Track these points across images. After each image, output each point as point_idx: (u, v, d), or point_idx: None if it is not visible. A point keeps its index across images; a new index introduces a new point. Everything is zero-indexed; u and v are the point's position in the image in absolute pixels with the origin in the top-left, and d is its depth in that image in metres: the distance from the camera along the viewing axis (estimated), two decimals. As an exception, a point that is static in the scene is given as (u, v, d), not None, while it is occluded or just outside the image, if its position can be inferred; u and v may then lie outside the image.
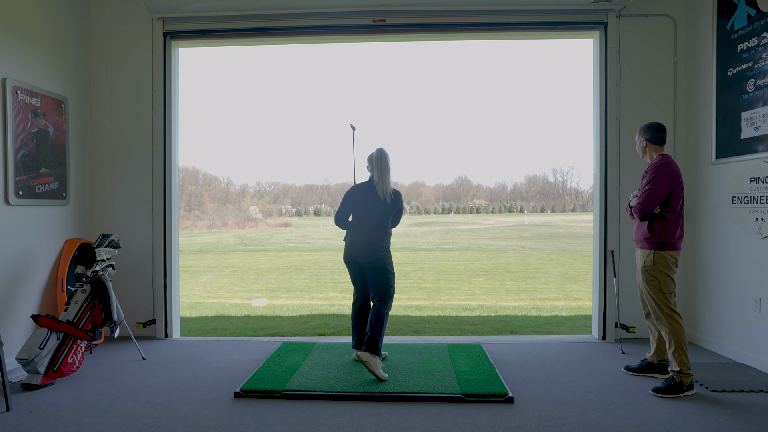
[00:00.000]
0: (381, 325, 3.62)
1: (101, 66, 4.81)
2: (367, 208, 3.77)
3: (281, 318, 6.89)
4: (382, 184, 3.74)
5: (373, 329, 3.58)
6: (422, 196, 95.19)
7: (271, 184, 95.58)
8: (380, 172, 3.75)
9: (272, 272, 14.62)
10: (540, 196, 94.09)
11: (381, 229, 3.77)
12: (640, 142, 3.56)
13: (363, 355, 3.48)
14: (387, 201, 3.75)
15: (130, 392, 3.34)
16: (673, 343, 3.27)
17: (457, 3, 4.56)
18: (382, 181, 3.74)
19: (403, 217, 4.42)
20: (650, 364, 3.63)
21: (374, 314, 3.65)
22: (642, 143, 3.54)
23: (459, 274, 13.61)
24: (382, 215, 3.76)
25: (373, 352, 3.49)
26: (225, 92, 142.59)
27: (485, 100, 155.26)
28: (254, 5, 4.52)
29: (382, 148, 3.81)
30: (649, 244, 3.36)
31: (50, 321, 3.51)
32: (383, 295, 3.72)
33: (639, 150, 3.59)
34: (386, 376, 3.48)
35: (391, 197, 3.78)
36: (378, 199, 3.75)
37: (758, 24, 3.76)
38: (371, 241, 3.75)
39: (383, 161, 3.77)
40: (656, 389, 3.24)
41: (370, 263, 3.74)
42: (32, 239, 4.04)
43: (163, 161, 4.81)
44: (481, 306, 8.34)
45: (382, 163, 3.77)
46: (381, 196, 3.74)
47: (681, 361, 3.23)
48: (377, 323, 3.60)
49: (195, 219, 60.72)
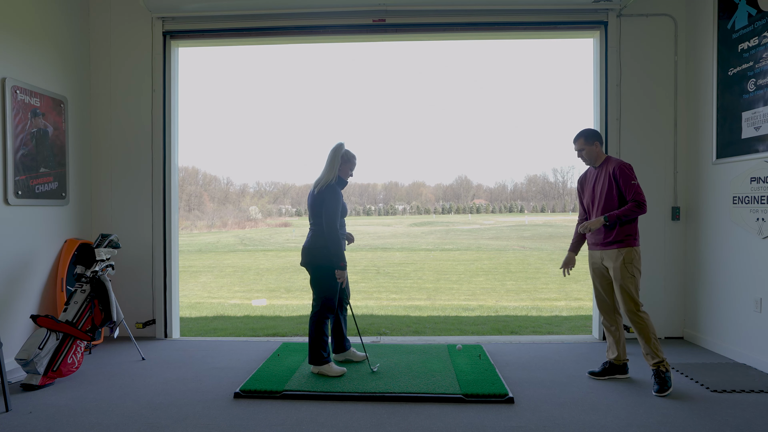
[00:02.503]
0: (310, 336, 3.62)
1: (101, 66, 4.81)
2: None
3: (281, 318, 6.89)
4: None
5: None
6: (422, 196, 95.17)
7: (271, 184, 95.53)
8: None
9: (272, 272, 14.62)
10: (540, 196, 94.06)
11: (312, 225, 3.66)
12: (593, 146, 3.51)
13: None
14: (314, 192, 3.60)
15: (129, 392, 3.33)
16: (649, 336, 3.31)
17: (457, 3, 4.56)
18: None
19: (403, 217, 4.35)
20: (613, 365, 3.57)
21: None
22: (596, 147, 3.52)
23: (459, 274, 13.61)
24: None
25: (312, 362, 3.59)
26: (225, 92, 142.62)
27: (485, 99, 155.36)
28: (254, 5, 4.52)
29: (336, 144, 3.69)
30: (631, 240, 3.39)
31: (50, 321, 3.51)
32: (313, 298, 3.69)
33: (592, 156, 3.52)
34: (343, 370, 3.58)
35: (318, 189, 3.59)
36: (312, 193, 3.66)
37: (759, 24, 3.75)
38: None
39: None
40: (658, 392, 3.23)
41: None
42: (31, 239, 4.04)
43: (163, 161, 4.80)
44: (482, 306, 8.33)
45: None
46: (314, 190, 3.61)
47: (658, 349, 3.31)
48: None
49: (195, 219, 60.70)
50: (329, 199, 3.49)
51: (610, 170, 3.42)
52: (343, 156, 3.63)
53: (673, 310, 4.67)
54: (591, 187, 3.57)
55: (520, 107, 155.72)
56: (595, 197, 3.53)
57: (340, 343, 3.90)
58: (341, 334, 3.89)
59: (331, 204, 3.48)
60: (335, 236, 3.49)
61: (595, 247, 3.56)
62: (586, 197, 3.64)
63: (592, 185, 3.56)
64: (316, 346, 3.56)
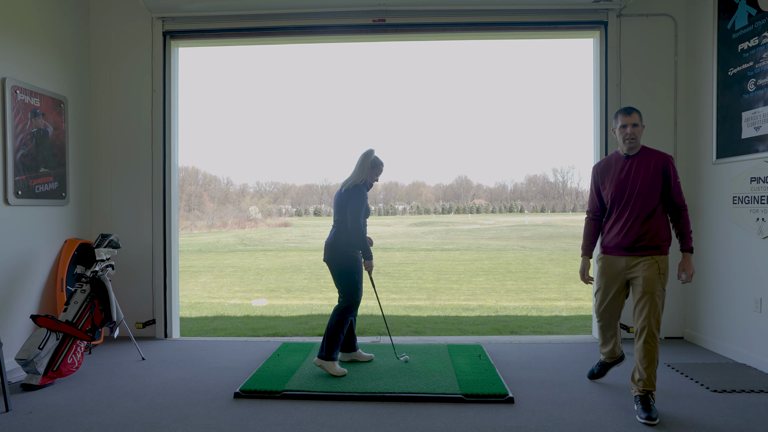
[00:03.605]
0: (328, 328, 3.67)
1: (101, 66, 4.81)
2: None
3: (281, 318, 6.88)
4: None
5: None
6: (422, 196, 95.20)
7: (271, 184, 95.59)
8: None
9: (272, 272, 14.62)
10: (540, 196, 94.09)
11: (336, 222, 3.77)
12: (643, 127, 3.07)
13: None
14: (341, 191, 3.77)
15: (129, 392, 3.33)
16: (655, 361, 2.90)
17: (457, 3, 4.56)
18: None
19: (403, 217, 4.39)
20: (606, 364, 3.45)
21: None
22: (643, 129, 3.08)
23: (459, 274, 13.61)
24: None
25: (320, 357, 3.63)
26: (225, 92, 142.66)
27: (485, 99, 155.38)
28: (254, 5, 4.51)
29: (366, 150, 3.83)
30: (666, 247, 3.00)
31: (49, 321, 3.51)
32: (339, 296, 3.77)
33: (639, 136, 3.03)
34: (344, 371, 3.60)
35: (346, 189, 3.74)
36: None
37: (759, 24, 3.75)
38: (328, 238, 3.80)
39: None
40: (647, 419, 2.78)
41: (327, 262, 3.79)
42: (31, 239, 4.04)
43: (163, 161, 4.80)
44: (482, 306, 8.33)
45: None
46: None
47: (655, 378, 2.93)
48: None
49: (195, 219, 60.68)
50: (355, 197, 3.66)
51: (659, 164, 2.97)
52: (372, 161, 3.79)
53: (673, 310, 4.67)
54: (621, 177, 3.05)
55: (520, 107, 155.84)
56: (628, 190, 3.01)
57: (350, 342, 3.91)
58: (351, 333, 3.92)
59: (357, 202, 3.66)
60: (359, 230, 3.64)
61: (619, 251, 3.06)
62: (610, 189, 3.10)
63: (623, 176, 3.04)
64: (331, 341, 3.59)
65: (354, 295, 3.68)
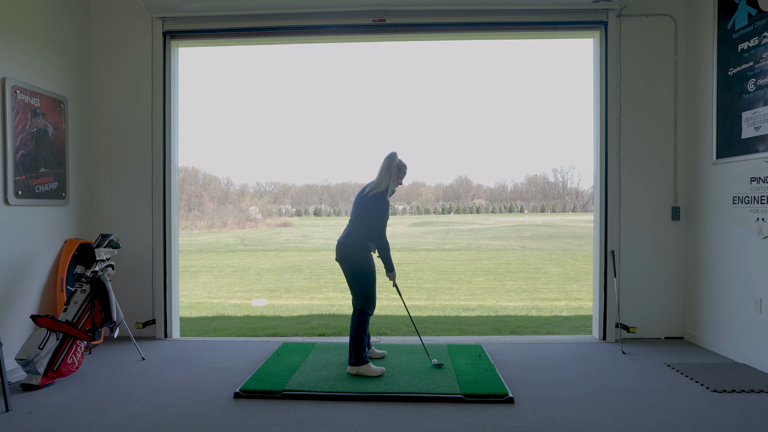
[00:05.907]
0: (351, 335, 3.66)
1: (101, 66, 4.81)
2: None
3: (281, 318, 6.88)
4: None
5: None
6: (422, 196, 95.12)
7: (271, 184, 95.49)
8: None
9: (272, 272, 14.61)
10: (540, 196, 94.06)
11: (354, 223, 3.72)
12: None
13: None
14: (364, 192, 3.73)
15: (129, 392, 3.33)
16: None
17: (457, 3, 4.56)
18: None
19: (403, 217, 4.38)
20: None
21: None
22: None
23: (459, 274, 13.60)
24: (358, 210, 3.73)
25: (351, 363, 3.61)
26: (225, 92, 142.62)
27: (485, 99, 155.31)
28: (254, 5, 4.51)
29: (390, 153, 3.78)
30: None
31: (49, 321, 3.51)
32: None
33: None
34: (382, 369, 3.59)
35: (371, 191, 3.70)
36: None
37: (759, 24, 3.75)
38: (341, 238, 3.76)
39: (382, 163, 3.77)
40: None
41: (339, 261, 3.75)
42: (31, 239, 4.04)
43: (163, 161, 4.80)
44: (481, 306, 8.33)
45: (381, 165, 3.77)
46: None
47: None
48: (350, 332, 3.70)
49: (195, 219, 60.67)
50: (381, 208, 3.62)
51: None
52: (397, 165, 3.74)
53: (673, 310, 4.67)
54: None
55: (520, 107, 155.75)
56: None
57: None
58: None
59: (382, 212, 3.63)
60: (384, 244, 3.63)
61: None
62: None
63: None
64: (357, 346, 3.58)
65: (368, 297, 3.65)
